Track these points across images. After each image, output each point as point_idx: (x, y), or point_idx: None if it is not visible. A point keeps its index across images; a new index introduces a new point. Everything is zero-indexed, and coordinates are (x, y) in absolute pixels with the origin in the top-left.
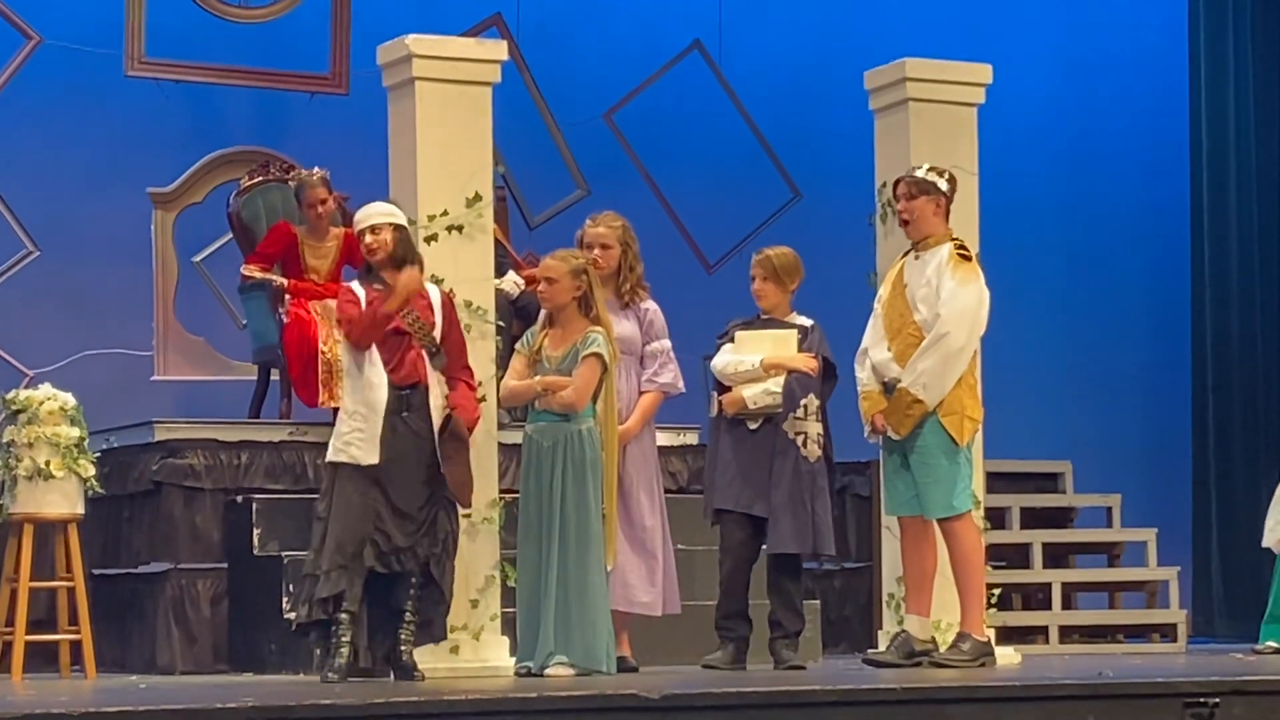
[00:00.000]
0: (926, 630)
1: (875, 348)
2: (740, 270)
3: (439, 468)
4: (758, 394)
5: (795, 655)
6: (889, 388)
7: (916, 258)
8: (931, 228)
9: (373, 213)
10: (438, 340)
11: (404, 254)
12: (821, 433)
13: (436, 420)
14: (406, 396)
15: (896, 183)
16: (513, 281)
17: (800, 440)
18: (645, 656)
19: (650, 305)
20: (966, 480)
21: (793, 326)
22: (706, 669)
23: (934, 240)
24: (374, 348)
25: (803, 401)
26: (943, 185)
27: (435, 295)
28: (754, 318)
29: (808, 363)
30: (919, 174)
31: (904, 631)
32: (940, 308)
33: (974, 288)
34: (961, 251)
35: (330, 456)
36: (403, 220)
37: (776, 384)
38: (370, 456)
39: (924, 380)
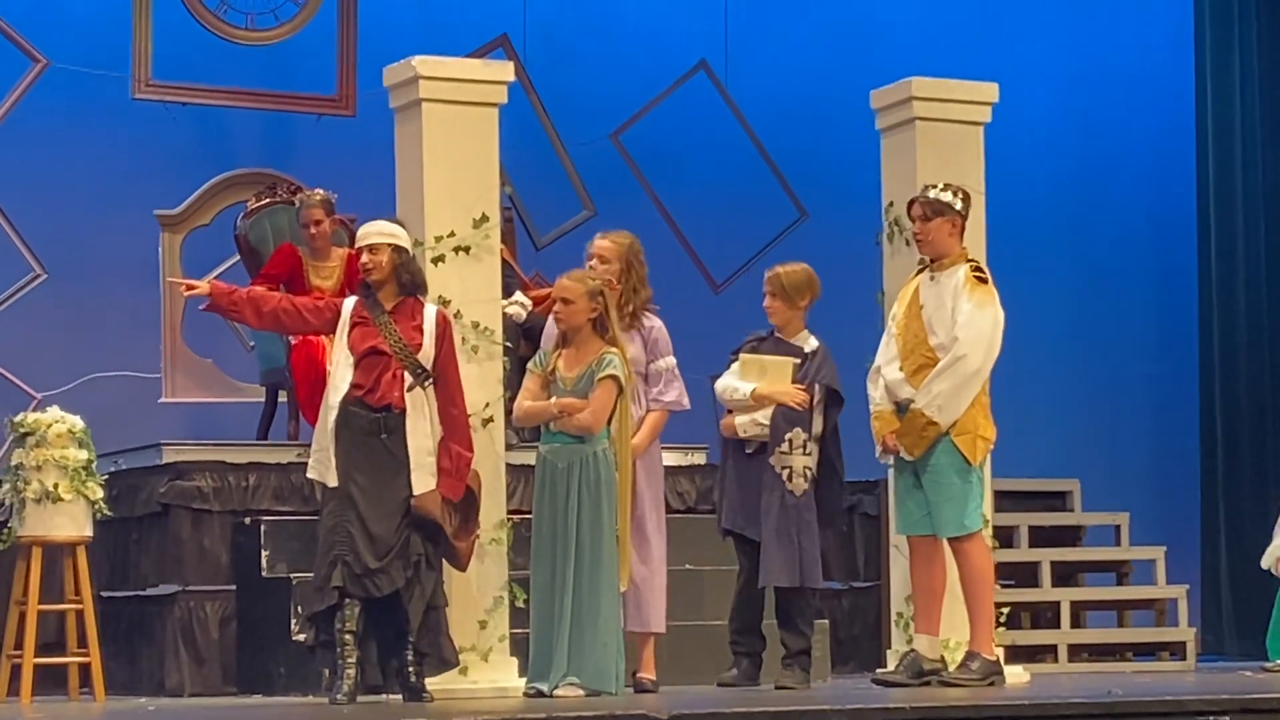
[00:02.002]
0: (936, 650)
1: (888, 367)
2: (747, 289)
3: (412, 504)
4: (746, 423)
5: (793, 677)
6: (901, 407)
7: (932, 278)
8: (947, 248)
9: (372, 232)
10: (423, 363)
11: (408, 279)
12: (810, 465)
13: (416, 445)
14: (382, 419)
15: (911, 203)
16: (519, 304)
17: (785, 474)
18: (660, 676)
19: (655, 323)
20: (978, 500)
21: (797, 351)
22: (721, 686)
23: (949, 261)
24: (337, 367)
25: (788, 436)
26: (957, 204)
27: (430, 317)
28: (768, 334)
29: (795, 396)
30: (933, 194)
31: (913, 651)
32: (957, 331)
33: (990, 310)
34: (978, 274)
35: (307, 472)
36: (404, 242)
37: (765, 415)
38: (330, 477)
39: (939, 402)
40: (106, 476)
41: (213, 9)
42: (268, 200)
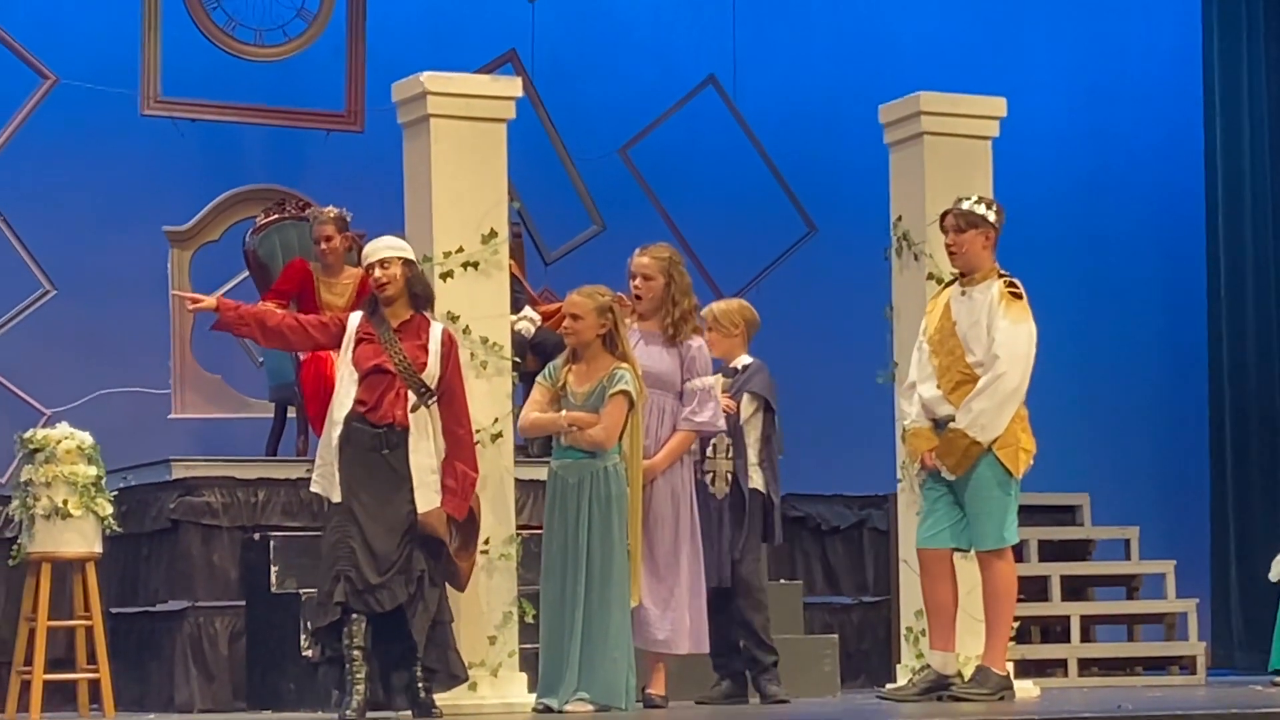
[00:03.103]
0: (951, 665)
1: (924, 384)
2: (756, 304)
3: (416, 508)
4: None
5: (779, 689)
6: (939, 424)
7: (963, 292)
8: (980, 261)
9: (381, 246)
10: (427, 382)
11: (421, 291)
12: (731, 471)
13: (418, 463)
14: (384, 435)
15: (944, 215)
16: (528, 319)
17: (709, 479)
18: (679, 692)
19: (696, 342)
20: (1015, 513)
21: (731, 372)
22: (701, 704)
23: (981, 275)
24: (341, 383)
25: (712, 441)
26: (991, 217)
27: (436, 336)
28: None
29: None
30: (967, 206)
31: (929, 667)
32: (996, 349)
33: (1025, 326)
34: (1013, 290)
35: (311, 486)
36: (411, 255)
37: None
38: (333, 493)
39: (982, 421)
40: (116, 492)
41: (221, 25)
42: (276, 216)
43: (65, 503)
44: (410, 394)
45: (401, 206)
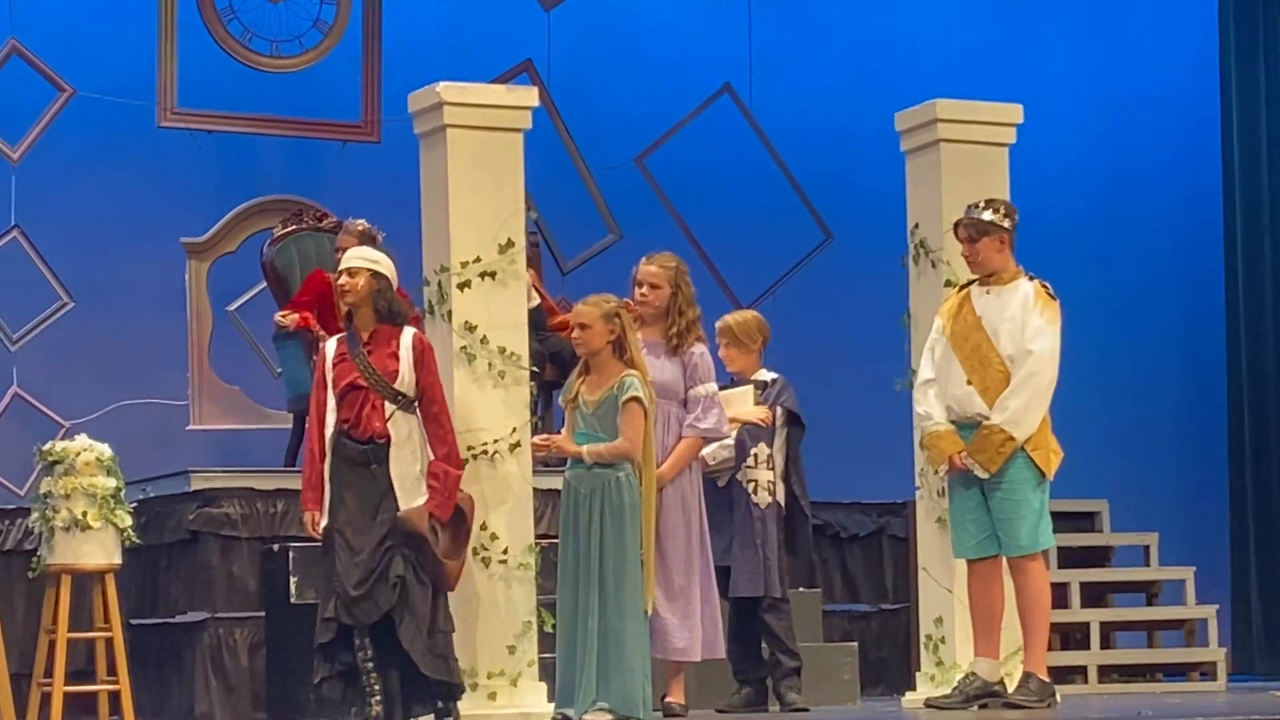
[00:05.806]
0: (996, 673)
1: (953, 383)
2: (773, 313)
3: (397, 517)
4: (715, 449)
5: (799, 696)
6: (962, 424)
7: (987, 291)
8: (998, 265)
9: (354, 256)
10: (402, 390)
11: (385, 307)
12: (772, 480)
13: (400, 471)
14: (369, 450)
15: (956, 225)
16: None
17: (751, 488)
18: (699, 701)
19: (697, 349)
20: (1048, 516)
21: (753, 383)
22: (721, 713)
23: (1008, 276)
24: (326, 409)
25: (753, 450)
26: (1000, 221)
27: (407, 343)
28: (729, 382)
29: (758, 413)
30: (975, 215)
31: (973, 673)
32: (1029, 344)
33: (1057, 327)
34: (1048, 291)
35: None
36: (385, 270)
37: (732, 439)
38: (321, 520)
39: (1016, 418)
40: (135, 504)
41: (237, 36)
42: (294, 227)
43: (85, 514)
44: (387, 404)
45: (418, 217)
